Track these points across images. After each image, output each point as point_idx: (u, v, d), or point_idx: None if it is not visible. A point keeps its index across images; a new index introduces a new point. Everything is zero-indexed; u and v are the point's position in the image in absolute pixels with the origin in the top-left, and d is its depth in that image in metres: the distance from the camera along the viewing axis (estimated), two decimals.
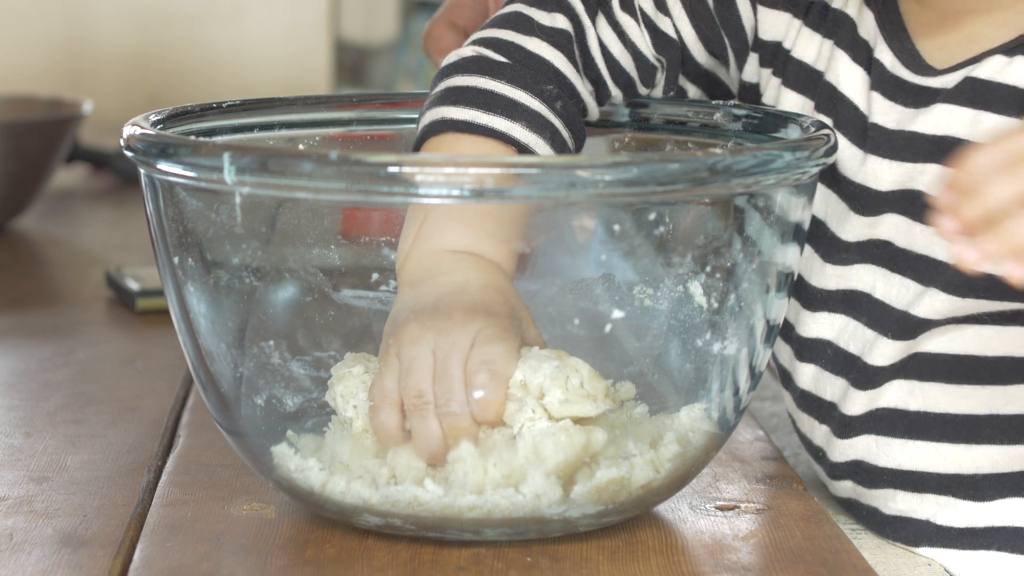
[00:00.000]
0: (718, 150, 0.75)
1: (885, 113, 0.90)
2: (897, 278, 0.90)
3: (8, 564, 0.79)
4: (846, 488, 0.95)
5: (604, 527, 0.82)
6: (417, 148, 0.90)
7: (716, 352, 0.82)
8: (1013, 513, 0.90)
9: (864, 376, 0.91)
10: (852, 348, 0.92)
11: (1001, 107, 0.86)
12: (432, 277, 0.82)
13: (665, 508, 0.86)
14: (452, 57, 0.92)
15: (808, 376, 0.94)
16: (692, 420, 0.83)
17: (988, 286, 0.87)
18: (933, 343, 0.89)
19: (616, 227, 0.76)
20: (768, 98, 0.94)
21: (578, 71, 0.92)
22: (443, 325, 0.80)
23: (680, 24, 0.94)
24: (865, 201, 0.90)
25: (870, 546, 0.93)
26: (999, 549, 0.91)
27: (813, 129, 0.84)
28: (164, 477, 0.91)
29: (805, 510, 0.87)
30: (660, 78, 0.96)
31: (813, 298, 0.93)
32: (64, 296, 1.38)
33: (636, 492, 0.81)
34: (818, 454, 0.96)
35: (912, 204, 0.88)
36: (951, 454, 0.90)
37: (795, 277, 0.85)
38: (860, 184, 0.90)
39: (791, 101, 0.93)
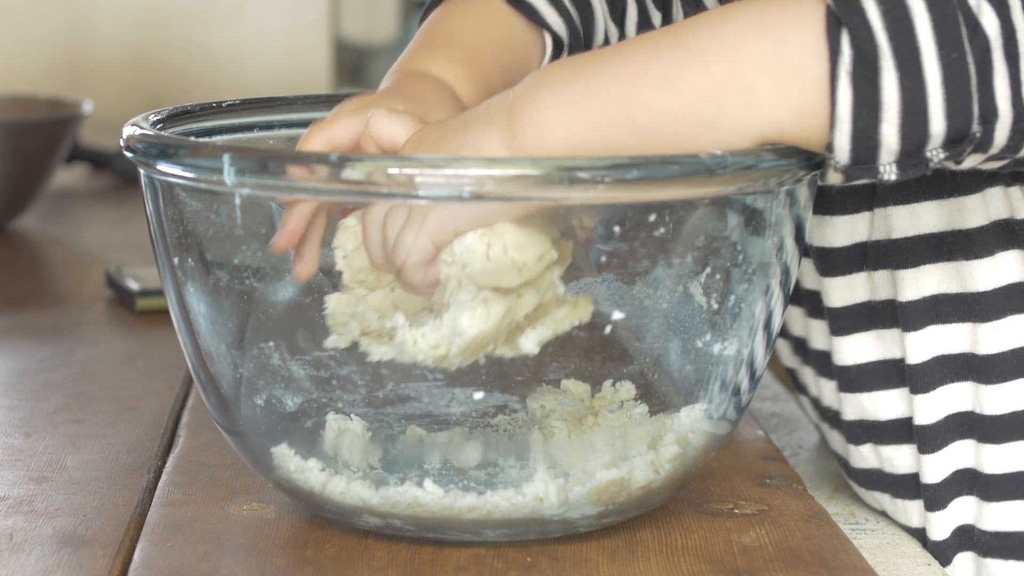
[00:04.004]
0: (718, 150, 0.75)
1: None
2: None
3: (8, 564, 0.79)
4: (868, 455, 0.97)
5: (604, 527, 0.82)
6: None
7: (716, 352, 0.82)
8: None
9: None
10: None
11: None
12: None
13: (665, 508, 0.86)
14: None
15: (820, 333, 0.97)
16: (692, 420, 0.83)
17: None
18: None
19: (616, 228, 0.76)
20: None
21: None
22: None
23: None
24: None
25: (870, 546, 0.93)
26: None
27: None
28: (164, 477, 0.91)
29: (805, 510, 0.87)
30: (676, 8, 0.98)
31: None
32: (64, 296, 1.38)
33: (636, 493, 0.81)
34: (829, 416, 0.98)
35: None
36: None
37: (795, 276, 0.85)
38: None
39: None
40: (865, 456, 0.96)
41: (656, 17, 1.00)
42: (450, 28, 0.93)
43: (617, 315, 0.81)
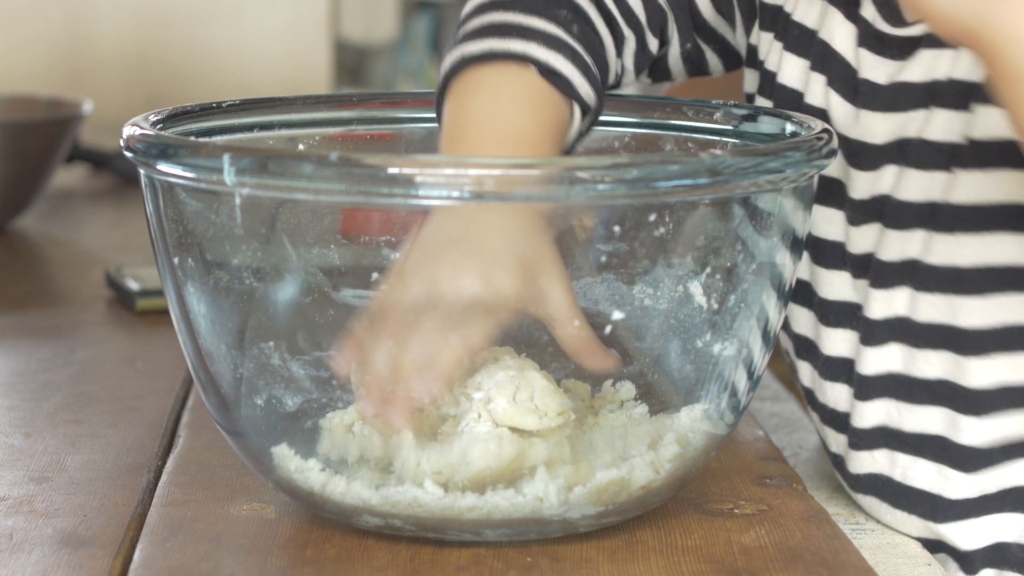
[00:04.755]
0: (718, 151, 0.75)
1: (874, 68, 0.90)
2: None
3: (8, 564, 0.79)
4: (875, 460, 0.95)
5: (604, 527, 0.82)
6: (442, 91, 0.91)
7: (716, 352, 0.82)
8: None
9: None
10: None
11: None
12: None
13: (665, 508, 0.86)
14: (469, 6, 0.94)
15: (838, 340, 0.94)
16: (692, 420, 0.83)
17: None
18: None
19: (616, 227, 0.76)
20: (770, 62, 0.95)
21: (592, 2, 0.94)
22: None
23: None
24: (863, 156, 0.90)
25: (870, 546, 0.93)
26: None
27: (813, 130, 0.84)
28: (164, 477, 0.91)
29: (805, 510, 0.87)
30: (672, 31, 0.97)
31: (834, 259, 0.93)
32: (64, 296, 1.38)
33: (636, 493, 0.81)
34: (839, 422, 0.96)
35: (904, 152, 0.89)
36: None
37: (795, 276, 0.85)
38: (856, 140, 0.90)
39: (792, 64, 0.93)
40: (876, 461, 0.94)
41: (653, 43, 0.99)
42: (503, 113, 0.89)
43: (617, 315, 0.81)
